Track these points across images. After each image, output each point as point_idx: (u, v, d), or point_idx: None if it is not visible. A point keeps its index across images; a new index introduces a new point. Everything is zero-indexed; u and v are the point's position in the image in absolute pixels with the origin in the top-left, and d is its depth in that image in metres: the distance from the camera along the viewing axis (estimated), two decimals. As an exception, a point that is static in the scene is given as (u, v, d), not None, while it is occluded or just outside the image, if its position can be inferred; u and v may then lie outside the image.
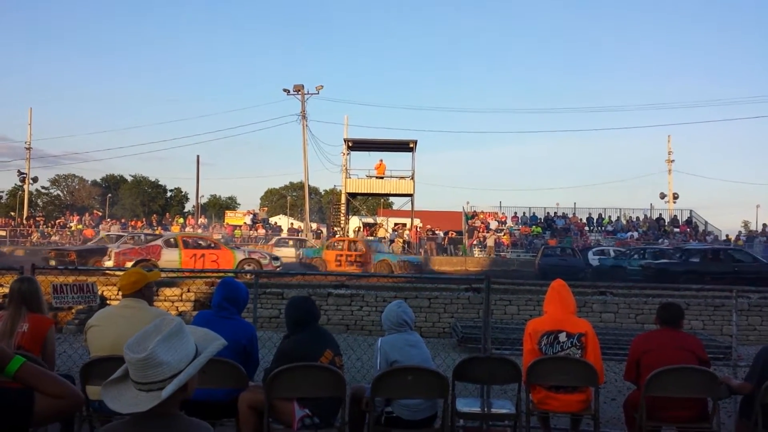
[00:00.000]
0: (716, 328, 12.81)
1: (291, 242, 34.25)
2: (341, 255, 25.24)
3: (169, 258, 19.37)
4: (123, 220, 41.05)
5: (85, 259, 21.39)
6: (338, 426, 4.20)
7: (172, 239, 20.72)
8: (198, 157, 47.91)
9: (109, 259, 19.50)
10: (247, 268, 19.56)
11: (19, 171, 45.77)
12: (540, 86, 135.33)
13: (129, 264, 18.30)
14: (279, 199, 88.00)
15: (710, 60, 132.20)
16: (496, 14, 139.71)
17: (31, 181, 46.57)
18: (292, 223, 48.73)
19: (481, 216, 38.93)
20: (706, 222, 38.11)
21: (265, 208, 62.10)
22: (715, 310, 13.17)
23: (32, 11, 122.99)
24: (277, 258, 22.29)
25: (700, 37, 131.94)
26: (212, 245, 21.07)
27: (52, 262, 20.68)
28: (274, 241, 34.57)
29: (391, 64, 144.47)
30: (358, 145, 38.82)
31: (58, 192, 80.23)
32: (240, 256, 20.44)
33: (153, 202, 79.09)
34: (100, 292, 9.25)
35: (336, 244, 27.00)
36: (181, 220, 41.93)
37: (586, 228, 37.29)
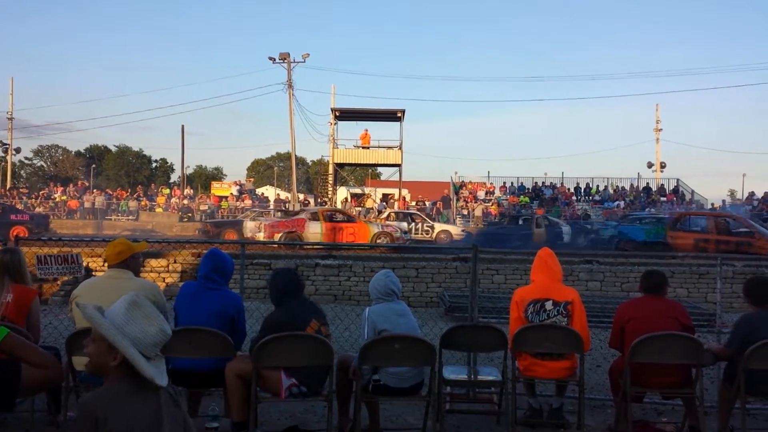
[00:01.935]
0: (701, 296, 13.00)
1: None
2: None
3: (313, 230, 20.44)
4: (108, 191, 40.65)
5: (221, 230, 24.07)
6: (325, 394, 4.22)
7: (314, 213, 21.91)
8: (183, 127, 47.54)
9: (260, 231, 20.47)
10: (380, 241, 20.65)
11: (1, 142, 45.15)
12: (528, 55, 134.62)
13: (278, 236, 19.74)
14: (266, 170, 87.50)
15: (698, 28, 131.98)
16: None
17: (14, 152, 45.94)
18: (278, 194, 48.49)
19: (470, 186, 38.92)
20: (693, 191, 38.35)
21: (252, 179, 61.73)
22: (699, 278, 13.35)
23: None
24: (406, 232, 23.15)
25: (688, 4, 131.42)
26: (350, 219, 22.32)
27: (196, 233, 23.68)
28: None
29: (379, 33, 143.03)
30: (345, 115, 38.55)
31: (42, 163, 79.29)
32: (375, 229, 21.47)
33: (138, 172, 78.39)
34: (84, 263, 9.21)
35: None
36: (167, 191, 41.56)
37: (574, 198, 37.40)
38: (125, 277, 4.30)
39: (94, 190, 40.94)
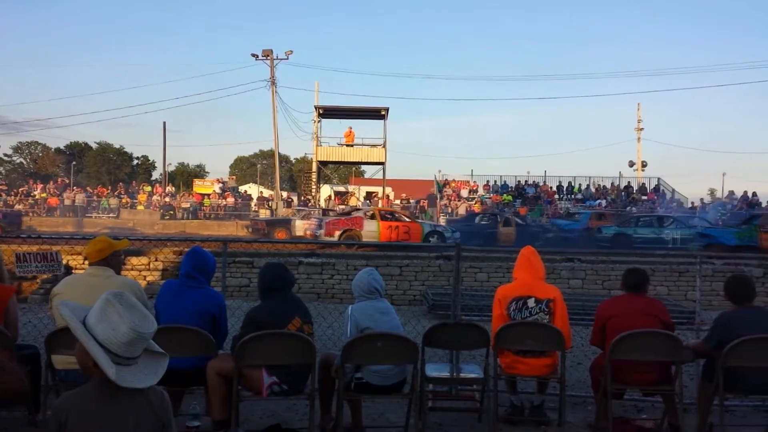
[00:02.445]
0: (681, 294, 13.13)
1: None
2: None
3: (370, 228, 20.96)
4: (88, 189, 40.24)
5: (273, 228, 25.06)
6: (307, 393, 4.21)
7: (371, 212, 22.50)
8: (164, 123, 47.08)
9: (321, 229, 21.07)
10: (432, 239, 21.18)
11: (-21, 138, 44.50)
12: (511, 54, 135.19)
13: (337, 233, 20.43)
14: (249, 167, 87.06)
15: (679, 28, 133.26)
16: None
17: (-8, 149, 45.32)
18: (261, 192, 48.27)
19: (453, 184, 39.00)
20: (674, 190, 38.76)
21: (234, 177, 61.38)
22: (679, 276, 13.49)
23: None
24: (456, 230, 23.30)
25: (669, 5, 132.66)
26: (405, 218, 22.93)
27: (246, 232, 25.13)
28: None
29: (363, 32, 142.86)
30: (329, 113, 38.45)
31: (21, 160, 78.28)
32: (427, 228, 22.01)
33: (119, 170, 77.64)
34: (64, 261, 9.10)
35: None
36: (148, 189, 41.22)
37: (556, 196, 37.63)
38: (105, 274, 4.27)
39: (75, 188, 40.55)
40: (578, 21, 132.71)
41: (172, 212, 35.21)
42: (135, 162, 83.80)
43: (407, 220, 22.62)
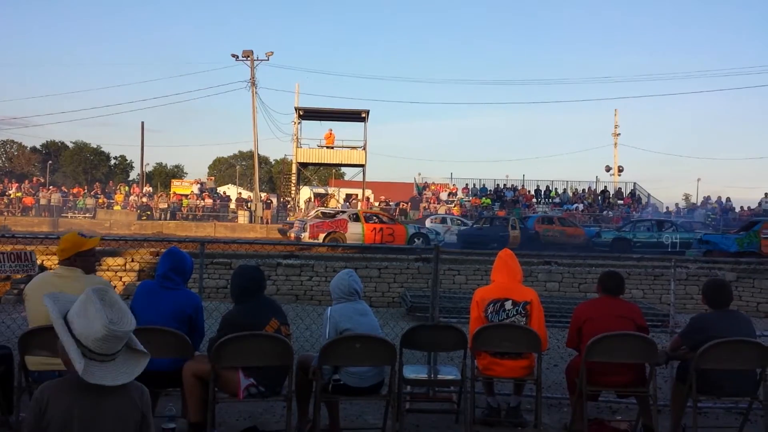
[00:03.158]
0: (655, 297, 13.30)
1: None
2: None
3: (354, 231, 21.10)
4: (64, 188, 39.68)
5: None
6: (284, 395, 4.20)
7: (355, 214, 22.53)
8: (143, 123, 46.72)
9: (305, 231, 21.24)
10: (416, 242, 21.23)
11: (-48, 136, 43.72)
12: (490, 58, 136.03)
13: (321, 235, 20.60)
14: (228, 168, 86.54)
15: (659, 34, 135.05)
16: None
17: (-35, 147, 44.56)
18: (240, 193, 47.99)
19: (433, 187, 39.14)
20: (649, 194, 39.27)
21: (213, 178, 60.97)
22: (654, 279, 13.66)
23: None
24: (439, 233, 23.55)
25: (648, 10, 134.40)
26: (388, 220, 22.93)
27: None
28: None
29: (343, 34, 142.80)
30: (309, 115, 38.36)
31: (-4, 158, 77.01)
32: (411, 230, 22.07)
33: (95, 169, 76.69)
34: (39, 262, 8.97)
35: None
36: (126, 189, 40.79)
37: (534, 200, 37.93)
38: (72, 275, 4.15)
39: (50, 187, 39.95)
40: (557, 26, 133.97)
41: (149, 213, 34.86)
42: (112, 162, 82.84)
43: (391, 222, 22.65)
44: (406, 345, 4.76)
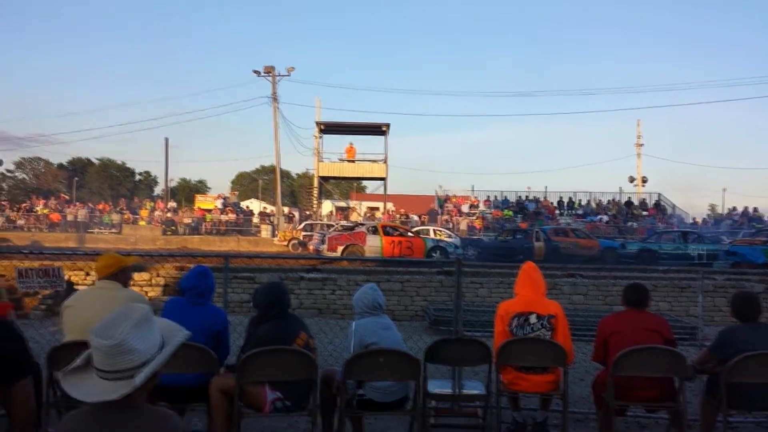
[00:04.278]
0: (683, 310, 13.08)
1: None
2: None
3: (373, 244, 21.13)
4: (90, 204, 40.29)
5: None
6: (310, 409, 4.20)
7: (373, 227, 22.59)
8: (167, 139, 47.21)
9: (323, 243, 21.64)
10: (435, 255, 21.29)
11: (-18, 154, 44.67)
12: (511, 70, 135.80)
13: (340, 248, 20.88)
14: (250, 183, 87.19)
15: (681, 44, 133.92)
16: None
17: (-6, 164, 45.48)
18: (265, 207, 48.29)
19: (454, 200, 39.06)
20: (674, 205, 38.79)
21: (236, 192, 61.49)
22: (681, 291, 13.45)
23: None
24: (458, 247, 23.43)
25: (670, 20, 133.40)
26: (407, 233, 22.94)
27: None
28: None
29: (364, 48, 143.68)
30: (330, 129, 38.63)
31: (24, 175, 78.50)
32: (430, 244, 22.10)
33: (121, 185, 77.86)
34: (66, 277, 9.10)
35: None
36: (150, 204, 41.31)
37: (557, 212, 37.66)
38: (113, 287, 4.36)
39: (77, 203, 40.59)
40: (577, 37, 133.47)
41: (173, 228, 35.24)
42: (137, 177, 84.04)
43: (410, 235, 22.61)
44: (430, 359, 4.73)
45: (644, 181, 43.56)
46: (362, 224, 24.97)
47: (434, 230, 29.40)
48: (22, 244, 28.77)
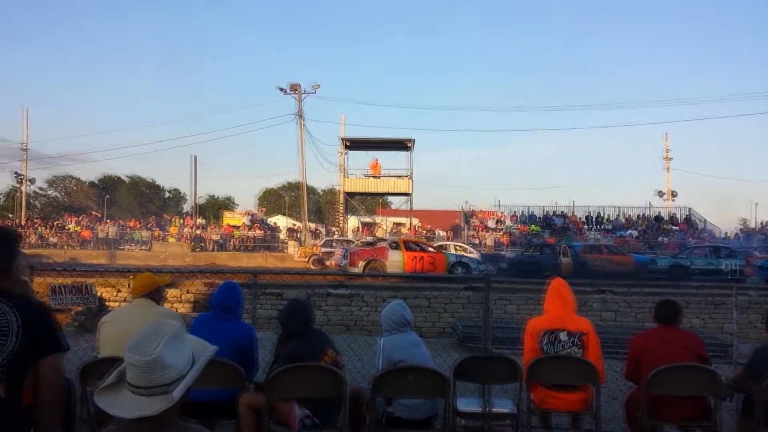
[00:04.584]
0: (716, 326, 12.82)
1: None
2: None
3: (394, 259, 20.97)
4: (120, 221, 40.96)
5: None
6: (339, 426, 4.19)
7: (395, 242, 22.50)
8: (195, 157, 47.90)
9: (344, 259, 21.53)
10: (457, 271, 20.99)
11: (15, 172, 45.76)
12: (536, 84, 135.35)
13: (361, 263, 20.73)
14: (277, 199, 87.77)
15: (708, 56, 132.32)
16: (492, 12, 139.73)
17: (28, 183, 46.54)
18: (294, 224, 48.56)
19: (480, 215, 38.93)
20: (705, 220, 38.16)
21: (263, 208, 62.02)
22: (715, 308, 13.18)
23: (28, 11, 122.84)
24: (483, 263, 23.22)
25: (697, 33, 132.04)
26: (428, 248, 22.73)
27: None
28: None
29: (388, 63, 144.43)
30: (355, 144, 38.84)
31: (56, 193, 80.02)
32: (452, 259, 21.91)
33: (150, 202, 78.91)
34: (98, 294, 9.24)
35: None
36: (179, 221, 41.85)
37: (585, 226, 37.30)
38: (148, 305, 4.49)
39: (107, 221, 41.27)
40: (608, 50, 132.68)
41: (202, 244, 35.62)
42: (166, 195, 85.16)
43: (432, 250, 22.51)
44: (458, 377, 4.70)
45: (674, 195, 43.01)
46: (384, 239, 24.89)
47: (455, 245, 29.22)
48: (55, 261, 29.32)
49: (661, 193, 43.36)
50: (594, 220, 38.31)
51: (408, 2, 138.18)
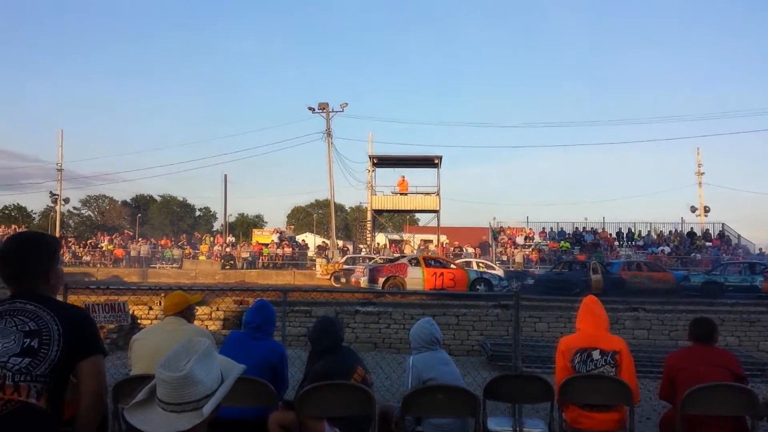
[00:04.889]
0: (752, 345, 12.51)
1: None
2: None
3: (414, 275, 20.83)
4: (152, 240, 41.56)
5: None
6: (369, 445, 4.17)
7: (415, 259, 22.36)
8: (225, 176, 48.51)
9: (364, 275, 21.39)
10: (479, 287, 20.80)
11: (51, 192, 46.73)
12: (566, 100, 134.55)
13: (381, 280, 20.59)
14: (305, 217, 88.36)
15: (740, 70, 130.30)
16: (521, 27, 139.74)
17: (62, 202, 47.48)
18: (323, 242, 48.77)
19: (508, 231, 38.67)
20: (739, 235, 37.37)
21: (292, 226, 62.41)
22: (750, 325, 12.88)
23: (62, 35, 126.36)
24: (504, 279, 23.04)
25: (728, 46, 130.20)
26: (449, 265, 22.50)
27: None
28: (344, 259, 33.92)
29: (415, 80, 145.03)
30: (382, 162, 38.98)
31: (89, 212, 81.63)
32: (473, 276, 21.71)
33: (182, 221, 80.00)
34: (131, 311, 9.37)
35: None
36: (210, 239, 42.31)
37: (616, 243, 36.79)
38: (180, 322, 4.55)
39: (140, 239, 41.89)
40: (636, 65, 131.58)
41: (232, 262, 35.92)
42: (197, 213, 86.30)
43: (453, 267, 22.33)
44: (489, 396, 4.65)
45: (706, 210, 42.22)
46: (404, 256, 24.78)
47: (478, 262, 28.97)
48: (89, 279, 29.84)
49: (693, 209, 42.61)
50: (625, 236, 37.78)
51: (434, 21, 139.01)
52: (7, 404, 2.28)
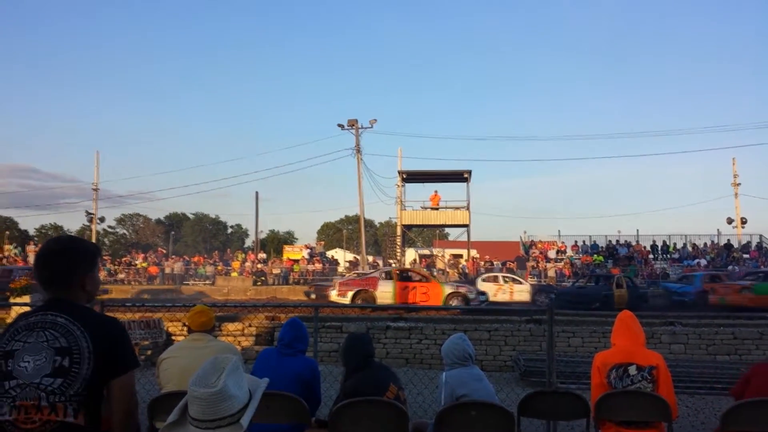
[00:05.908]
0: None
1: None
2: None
3: (384, 289, 20.61)
4: (185, 257, 42.09)
5: None
6: (402, 463, 4.13)
7: (387, 272, 22.21)
8: (257, 193, 48.99)
9: (334, 289, 21.23)
10: (453, 302, 20.45)
11: (86, 211, 47.65)
12: (597, 112, 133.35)
13: (350, 293, 20.44)
14: (335, 233, 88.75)
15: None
16: (551, 41, 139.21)
17: (98, 221, 48.42)
18: (355, 257, 48.86)
19: (540, 245, 38.28)
20: (778, 247, 36.47)
21: (322, 242, 62.69)
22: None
23: (96, 60, 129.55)
24: (483, 293, 22.67)
25: (764, 54, 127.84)
26: (423, 278, 22.21)
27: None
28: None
29: (445, 95, 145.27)
30: (412, 177, 39.02)
31: (124, 231, 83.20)
32: (448, 289, 21.28)
33: (214, 238, 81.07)
34: (165, 328, 9.49)
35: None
36: (242, 256, 42.69)
37: (651, 256, 36.16)
38: (206, 338, 4.58)
39: (173, 257, 42.46)
40: (669, 76, 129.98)
41: (263, 278, 36.18)
42: (229, 230, 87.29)
43: (426, 280, 21.89)
44: (523, 413, 4.59)
45: (743, 222, 41.26)
46: (377, 269, 24.55)
47: (503, 277, 28.29)
48: (123, 296, 30.29)
49: (730, 220, 41.68)
50: (660, 249, 37.11)
51: (463, 35, 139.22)
52: (45, 425, 2.28)
